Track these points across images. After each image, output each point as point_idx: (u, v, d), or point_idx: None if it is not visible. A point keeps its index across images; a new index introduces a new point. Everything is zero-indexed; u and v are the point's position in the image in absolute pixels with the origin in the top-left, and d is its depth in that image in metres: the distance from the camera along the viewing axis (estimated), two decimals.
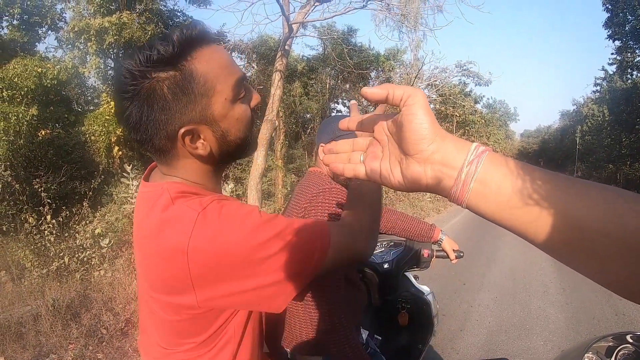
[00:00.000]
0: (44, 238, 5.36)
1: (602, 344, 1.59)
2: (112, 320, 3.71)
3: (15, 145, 8.69)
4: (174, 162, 0.82)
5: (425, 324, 2.01)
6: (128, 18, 11.21)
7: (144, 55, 0.73)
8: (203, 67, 0.77)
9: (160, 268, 0.76)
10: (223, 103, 0.79)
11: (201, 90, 0.76)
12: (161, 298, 0.79)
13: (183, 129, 0.77)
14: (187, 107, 0.76)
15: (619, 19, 24.34)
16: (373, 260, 1.99)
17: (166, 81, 0.74)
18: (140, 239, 0.83)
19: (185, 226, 0.72)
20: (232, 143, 0.84)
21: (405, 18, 12.12)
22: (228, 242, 0.72)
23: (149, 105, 0.75)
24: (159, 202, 0.77)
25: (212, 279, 0.74)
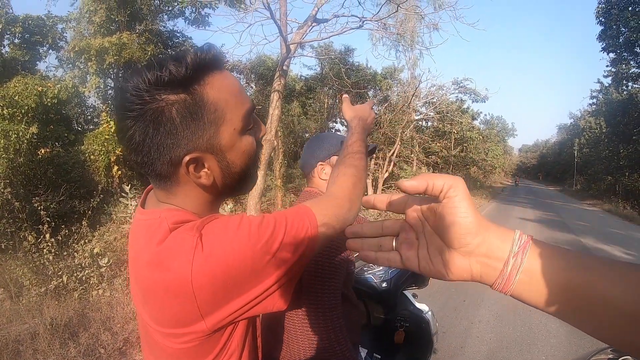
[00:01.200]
0: (43, 256, 5.34)
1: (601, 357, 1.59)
2: (110, 340, 3.68)
3: (15, 163, 8.69)
4: (174, 188, 0.79)
5: (424, 342, 2.01)
6: (128, 38, 11.33)
7: (153, 75, 0.70)
8: (214, 94, 0.74)
9: (163, 303, 0.72)
10: (231, 133, 0.77)
11: (211, 118, 0.74)
12: (166, 331, 0.75)
13: (188, 157, 0.73)
14: (195, 133, 0.73)
15: (613, 31, 24.59)
16: (372, 279, 1.99)
17: (175, 104, 0.71)
18: (138, 270, 0.78)
19: (185, 254, 0.69)
20: (235, 175, 0.81)
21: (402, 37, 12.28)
22: (230, 258, 0.69)
23: (154, 128, 0.71)
24: (156, 233, 0.74)
25: (220, 301, 0.71)
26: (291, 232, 0.75)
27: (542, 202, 27.50)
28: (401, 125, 17.53)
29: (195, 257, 0.68)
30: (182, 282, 0.68)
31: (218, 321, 0.72)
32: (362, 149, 1.07)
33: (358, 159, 1.03)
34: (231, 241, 0.70)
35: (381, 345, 1.96)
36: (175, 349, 0.75)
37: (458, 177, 0.53)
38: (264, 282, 0.72)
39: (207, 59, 0.73)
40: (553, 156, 79.53)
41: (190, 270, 0.68)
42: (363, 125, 1.18)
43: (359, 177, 0.97)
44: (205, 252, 0.69)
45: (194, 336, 0.73)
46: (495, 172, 46.94)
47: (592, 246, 10.14)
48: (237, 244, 0.70)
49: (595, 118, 43.13)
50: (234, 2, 10.22)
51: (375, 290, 1.93)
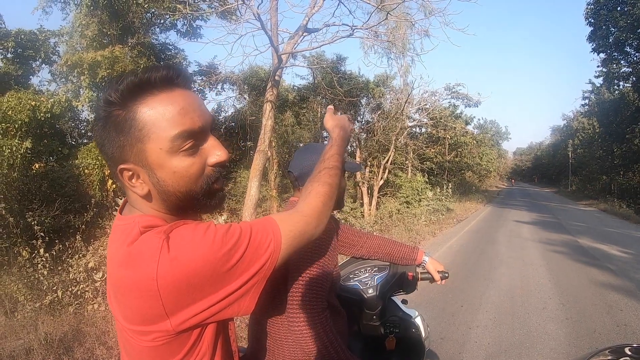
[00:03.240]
0: (37, 271, 5.32)
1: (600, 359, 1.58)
2: (106, 354, 3.65)
3: (9, 178, 8.66)
4: (128, 193, 0.86)
5: (415, 348, 1.99)
6: (120, 52, 11.35)
7: (109, 90, 0.79)
8: (146, 113, 0.78)
9: (131, 300, 0.76)
10: (157, 152, 0.79)
11: (137, 135, 0.78)
12: (134, 328, 0.79)
13: (121, 166, 0.81)
14: (125, 146, 0.79)
15: (602, 31, 24.81)
16: (358, 286, 1.98)
17: (112, 118, 0.79)
18: (111, 269, 0.83)
19: (152, 255, 0.73)
20: (171, 194, 0.83)
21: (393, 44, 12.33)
22: (194, 262, 0.74)
23: (99, 138, 0.82)
24: (129, 235, 0.79)
25: (184, 302, 0.75)
26: (254, 244, 0.81)
27: (538, 204, 27.58)
28: (395, 133, 17.59)
29: (161, 257, 0.73)
30: (148, 280, 0.73)
31: (183, 321, 0.76)
32: (338, 164, 1.13)
33: (333, 175, 1.09)
34: (196, 246, 0.75)
35: (372, 353, 1.95)
36: (144, 346, 0.79)
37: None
38: (226, 287, 0.77)
39: (149, 78, 0.78)
40: (547, 158, 79.95)
41: (155, 269, 0.72)
42: (344, 135, 1.23)
43: (330, 196, 1.04)
44: (171, 255, 0.73)
45: (160, 335, 0.77)
46: (490, 176, 47.12)
47: (589, 246, 10.16)
48: (202, 249, 0.75)
49: (588, 119, 43.47)
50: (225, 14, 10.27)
51: (362, 297, 1.92)
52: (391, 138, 17.62)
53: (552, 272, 7.39)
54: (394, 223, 13.39)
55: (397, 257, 2.02)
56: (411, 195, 18.04)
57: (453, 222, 15.55)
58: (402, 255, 2.02)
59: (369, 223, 13.70)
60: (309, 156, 1.59)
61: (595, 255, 9.03)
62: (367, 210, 17.27)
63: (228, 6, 8.74)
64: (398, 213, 15.42)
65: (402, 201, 17.82)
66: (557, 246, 10.17)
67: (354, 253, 2.05)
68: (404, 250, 2.04)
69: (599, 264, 8.10)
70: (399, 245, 2.06)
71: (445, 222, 15.16)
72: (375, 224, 13.48)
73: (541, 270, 7.49)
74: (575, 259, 8.56)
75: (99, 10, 11.46)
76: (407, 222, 13.46)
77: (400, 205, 17.16)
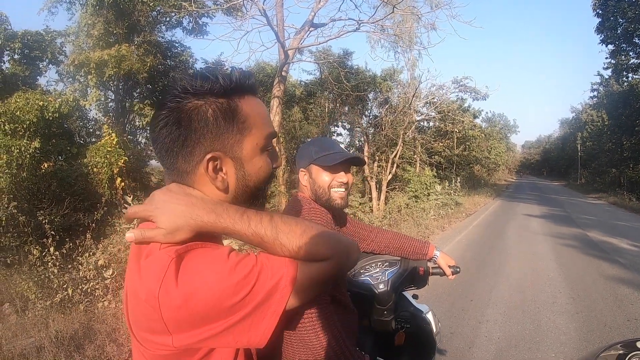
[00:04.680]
0: (48, 270, 5.36)
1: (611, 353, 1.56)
2: (116, 352, 3.67)
3: (19, 178, 8.74)
4: (195, 185, 0.84)
5: (426, 343, 1.98)
6: (127, 50, 11.39)
7: (203, 78, 0.79)
8: (247, 109, 0.83)
9: (140, 308, 0.77)
10: (253, 147, 0.85)
11: (240, 126, 0.82)
12: (142, 335, 0.79)
13: (210, 154, 0.80)
14: (223, 135, 0.81)
15: (610, 22, 24.53)
16: (369, 281, 1.96)
17: (213, 105, 0.80)
18: (129, 275, 0.83)
19: (157, 274, 0.73)
20: (248, 189, 0.87)
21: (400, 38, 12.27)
22: (199, 291, 0.73)
23: (187, 123, 0.79)
24: (148, 246, 0.79)
25: (185, 326, 0.74)
26: (265, 280, 0.78)
27: (547, 197, 27.40)
28: (403, 127, 17.51)
29: (165, 279, 0.73)
30: (152, 298, 0.73)
31: (187, 343, 0.75)
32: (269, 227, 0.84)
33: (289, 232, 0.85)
34: (206, 276, 0.74)
35: (383, 348, 1.94)
36: (156, 355, 0.79)
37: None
38: (228, 319, 0.75)
39: (247, 81, 0.85)
40: (556, 151, 79.38)
41: (157, 289, 0.72)
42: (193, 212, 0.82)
43: (318, 240, 0.86)
44: (179, 279, 0.73)
45: (164, 347, 0.76)
46: (499, 169, 46.84)
47: (599, 239, 10.07)
48: (210, 280, 0.74)
49: (597, 111, 43.01)
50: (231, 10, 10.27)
51: (373, 293, 1.91)
52: (399, 132, 17.54)
53: (562, 265, 7.34)
54: (402, 217, 13.35)
55: (408, 251, 2.01)
56: (420, 189, 17.98)
57: (462, 216, 15.49)
58: (413, 249, 2.02)
59: (377, 218, 13.68)
60: (307, 145, 1.68)
61: (605, 248, 8.95)
62: (375, 204, 17.24)
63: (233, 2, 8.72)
64: (407, 207, 15.38)
65: (410, 195, 17.77)
66: (567, 240, 10.10)
67: (365, 248, 2.04)
68: (415, 245, 2.03)
69: (609, 257, 8.03)
70: (410, 240, 2.05)
71: (454, 216, 15.10)
72: (384, 218, 13.46)
73: (551, 264, 7.44)
74: (585, 253, 8.50)
75: (104, 10, 11.52)
76: (416, 216, 13.41)
77: (409, 199, 17.11)
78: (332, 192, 1.61)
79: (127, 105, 14.05)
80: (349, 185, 1.66)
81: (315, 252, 0.85)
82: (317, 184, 1.61)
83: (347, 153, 1.64)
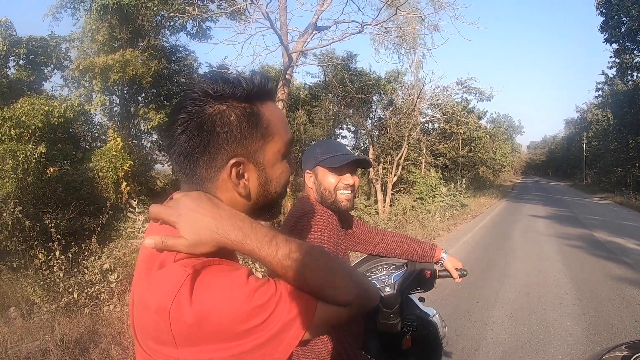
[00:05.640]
0: (53, 274, 5.39)
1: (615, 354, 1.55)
2: (121, 355, 3.68)
3: (24, 182, 8.79)
4: (213, 192, 0.80)
5: (433, 346, 1.96)
6: (131, 55, 11.44)
7: (225, 82, 0.78)
8: (269, 114, 0.82)
9: (148, 318, 0.74)
10: (275, 153, 0.83)
11: (263, 132, 0.80)
12: (148, 343, 0.76)
13: (234, 159, 0.78)
14: (247, 140, 0.79)
15: (614, 21, 24.48)
16: (374, 284, 1.96)
17: (236, 109, 0.78)
18: (137, 281, 0.80)
19: (171, 288, 0.70)
20: (269, 195, 0.85)
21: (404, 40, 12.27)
22: (212, 312, 0.69)
23: (210, 128, 0.76)
24: (160, 255, 0.75)
25: (193, 341, 0.71)
26: (281, 312, 0.74)
27: (553, 198, 27.26)
28: (407, 129, 17.49)
29: (178, 296, 0.69)
30: (162, 309, 0.70)
31: (192, 358, 0.72)
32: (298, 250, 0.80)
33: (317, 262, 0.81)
34: (221, 297, 0.70)
35: (389, 352, 1.93)
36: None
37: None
38: (238, 344, 0.71)
39: (267, 87, 0.83)
40: (562, 151, 79.07)
41: (170, 303, 0.69)
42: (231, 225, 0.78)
43: (343, 285, 0.84)
44: (193, 297, 0.69)
45: (168, 358, 0.73)
46: (504, 170, 46.68)
47: (605, 240, 10.01)
48: (225, 301, 0.70)
49: (602, 110, 42.85)
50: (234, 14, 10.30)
51: (379, 296, 1.90)
52: (404, 134, 17.52)
53: (568, 266, 7.29)
54: (408, 219, 13.32)
55: (414, 254, 2.00)
56: (425, 191, 17.95)
57: (468, 217, 15.43)
58: (420, 252, 2.00)
59: (383, 220, 13.65)
60: (313, 147, 1.70)
61: (611, 249, 8.89)
62: (381, 207, 17.23)
63: (237, 6, 8.77)
64: (412, 209, 15.35)
65: (416, 197, 17.75)
66: (573, 240, 10.04)
67: (371, 250, 2.03)
68: (422, 247, 2.01)
69: (615, 257, 7.97)
70: (417, 242, 2.04)
71: (459, 217, 15.05)
72: (389, 220, 13.43)
73: (557, 265, 7.39)
74: (591, 253, 8.44)
75: (108, 15, 11.57)
76: (421, 218, 13.39)
77: (414, 201, 17.09)
78: (338, 194, 1.60)
79: (132, 109, 14.10)
80: (355, 187, 1.65)
81: (337, 297, 0.81)
82: (323, 186, 1.60)
83: (353, 155, 1.64)
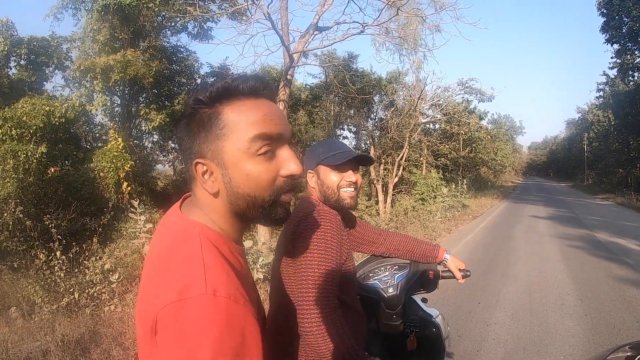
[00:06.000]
0: (54, 274, 5.39)
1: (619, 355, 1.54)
2: (122, 355, 3.67)
3: (25, 182, 8.80)
4: (196, 191, 0.88)
5: (436, 347, 1.96)
6: (132, 55, 11.44)
7: (201, 88, 0.85)
8: (229, 114, 0.83)
9: (145, 309, 0.77)
10: (234, 152, 0.83)
11: (217, 132, 0.83)
12: (142, 329, 0.77)
13: (196, 160, 0.84)
14: (204, 142, 0.84)
15: (615, 22, 24.47)
16: (378, 285, 1.95)
17: (198, 114, 0.84)
18: (146, 271, 0.85)
19: (167, 296, 0.71)
20: (240, 197, 0.84)
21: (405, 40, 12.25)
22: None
23: (187, 128, 0.86)
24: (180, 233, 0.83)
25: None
26: None
27: (554, 198, 27.22)
28: (409, 129, 17.47)
29: (165, 309, 0.70)
30: (152, 312, 0.73)
31: None
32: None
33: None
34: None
35: (393, 353, 1.92)
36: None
37: None
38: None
39: (238, 86, 0.85)
40: (563, 152, 79.00)
41: (157, 314, 0.71)
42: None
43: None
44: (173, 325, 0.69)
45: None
46: (505, 171, 46.65)
47: (607, 240, 9.99)
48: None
49: (603, 111, 42.81)
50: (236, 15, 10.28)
51: (382, 296, 1.89)
52: (405, 135, 17.50)
53: (570, 267, 7.28)
54: (409, 220, 13.32)
55: (418, 254, 1.99)
56: (426, 192, 17.95)
57: (469, 218, 15.41)
58: (423, 253, 1.99)
59: (384, 220, 13.64)
60: (314, 146, 1.69)
61: (613, 249, 8.87)
62: (382, 207, 17.21)
63: (238, 7, 8.74)
64: (413, 210, 15.34)
65: (417, 198, 17.74)
66: (575, 241, 10.02)
67: (374, 251, 2.02)
68: (425, 248, 2.00)
69: (617, 258, 7.95)
70: (420, 243, 2.03)
71: (460, 218, 15.04)
72: (390, 221, 13.42)
73: (559, 266, 7.38)
74: (592, 254, 8.43)
75: (109, 15, 11.56)
76: (422, 219, 13.38)
77: (415, 202, 17.08)
78: (342, 192, 1.58)
79: (133, 109, 14.11)
80: (358, 184, 1.63)
81: None
82: (326, 185, 1.59)
83: (355, 151, 1.63)
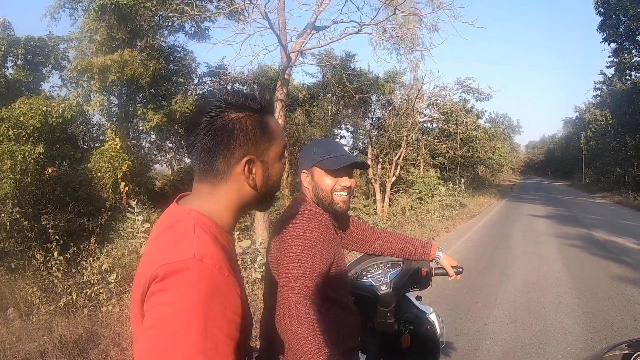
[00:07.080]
0: (52, 274, 5.38)
1: (616, 353, 1.54)
2: (120, 356, 3.66)
3: (23, 183, 8.76)
4: (221, 184, 0.98)
5: (430, 344, 1.96)
6: (130, 55, 11.40)
7: (244, 96, 0.97)
8: (272, 123, 1.03)
9: (140, 275, 0.88)
10: (276, 153, 1.04)
11: (269, 136, 1.01)
12: (136, 295, 0.88)
13: (248, 157, 0.97)
14: (258, 142, 0.99)
15: (613, 21, 24.53)
16: (371, 283, 1.95)
17: (250, 117, 0.97)
18: (146, 250, 0.98)
19: (159, 261, 0.83)
20: (269, 188, 1.05)
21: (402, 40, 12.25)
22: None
23: (231, 130, 0.94)
24: (177, 234, 0.90)
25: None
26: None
27: (552, 197, 27.29)
28: (406, 128, 17.49)
29: (166, 272, 0.81)
30: (146, 275, 0.83)
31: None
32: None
33: None
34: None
35: (387, 350, 1.92)
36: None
37: None
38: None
39: (272, 102, 1.07)
40: (560, 151, 79.14)
41: (154, 271, 0.82)
42: None
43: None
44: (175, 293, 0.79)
45: None
46: (503, 170, 46.71)
47: (605, 239, 10.02)
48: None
49: (600, 110, 42.87)
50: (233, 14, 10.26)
51: (375, 295, 1.90)
52: (402, 134, 17.52)
53: (568, 266, 7.30)
54: (407, 219, 13.33)
55: (410, 252, 2.00)
56: (424, 191, 17.96)
57: (467, 217, 15.43)
58: (415, 250, 2.00)
59: (382, 220, 13.66)
60: (310, 145, 1.69)
61: (610, 248, 8.90)
62: (380, 207, 17.23)
63: (235, 6, 8.72)
64: (411, 209, 15.36)
65: (414, 197, 17.76)
66: (573, 240, 10.05)
67: (367, 249, 2.03)
68: (418, 246, 2.01)
69: (614, 257, 7.98)
70: (412, 241, 2.03)
71: (458, 217, 15.05)
72: (388, 220, 13.44)
73: (557, 265, 7.39)
74: (590, 253, 8.45)
75: (107, 15, 11.52)
76: (420, 218, 13.39)
77: (413, 201, 17.10)
78: (335, 196, 1.58)
79: (131, 109, 14.06)
80: (352, 189, 1.64)
81: None
82: (320, 187, 1.59)
83: (351, 157, 1.62)
